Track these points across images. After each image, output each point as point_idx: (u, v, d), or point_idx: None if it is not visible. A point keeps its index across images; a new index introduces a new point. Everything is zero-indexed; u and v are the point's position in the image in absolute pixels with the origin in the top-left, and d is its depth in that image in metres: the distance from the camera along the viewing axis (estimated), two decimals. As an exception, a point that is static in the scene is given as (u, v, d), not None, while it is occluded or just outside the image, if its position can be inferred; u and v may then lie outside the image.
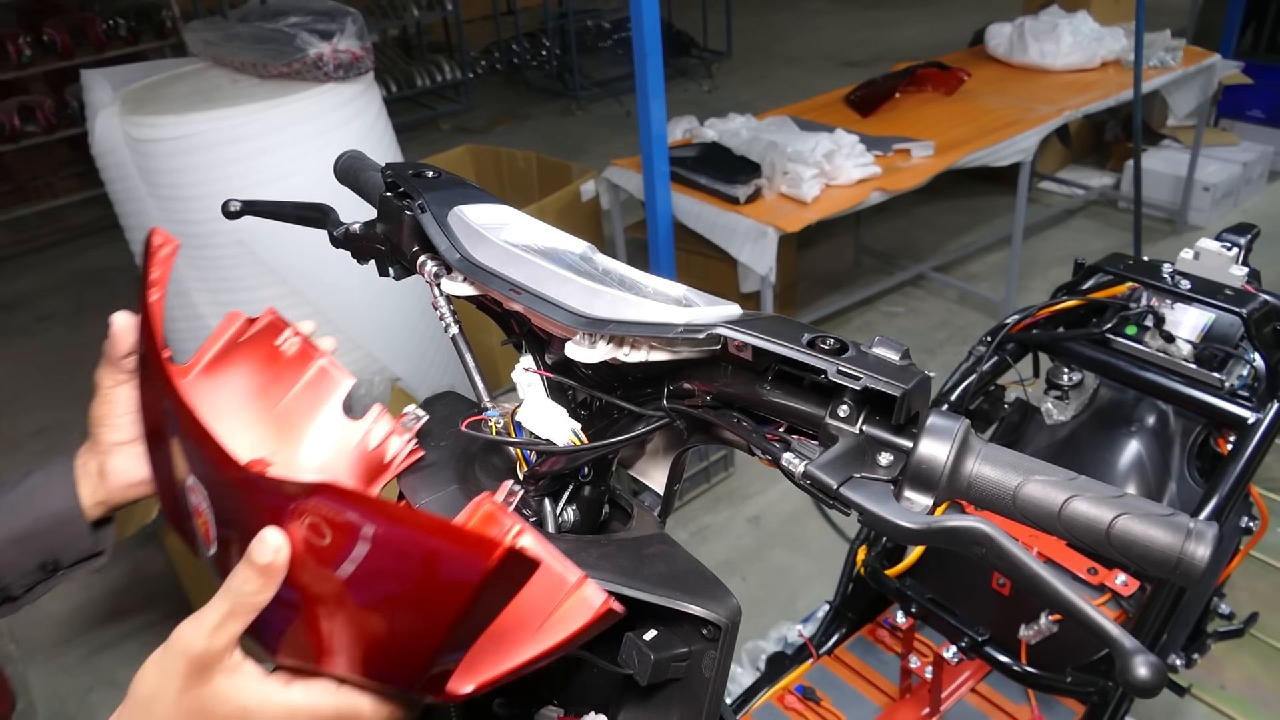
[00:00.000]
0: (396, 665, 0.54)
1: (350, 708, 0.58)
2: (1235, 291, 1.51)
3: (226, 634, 0.56)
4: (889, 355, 0.61)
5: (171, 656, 0.56)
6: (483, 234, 0.74)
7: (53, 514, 0.81)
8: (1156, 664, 0.50)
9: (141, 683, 0.57)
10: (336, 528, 0.52)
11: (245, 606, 0.56)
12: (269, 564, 0.54)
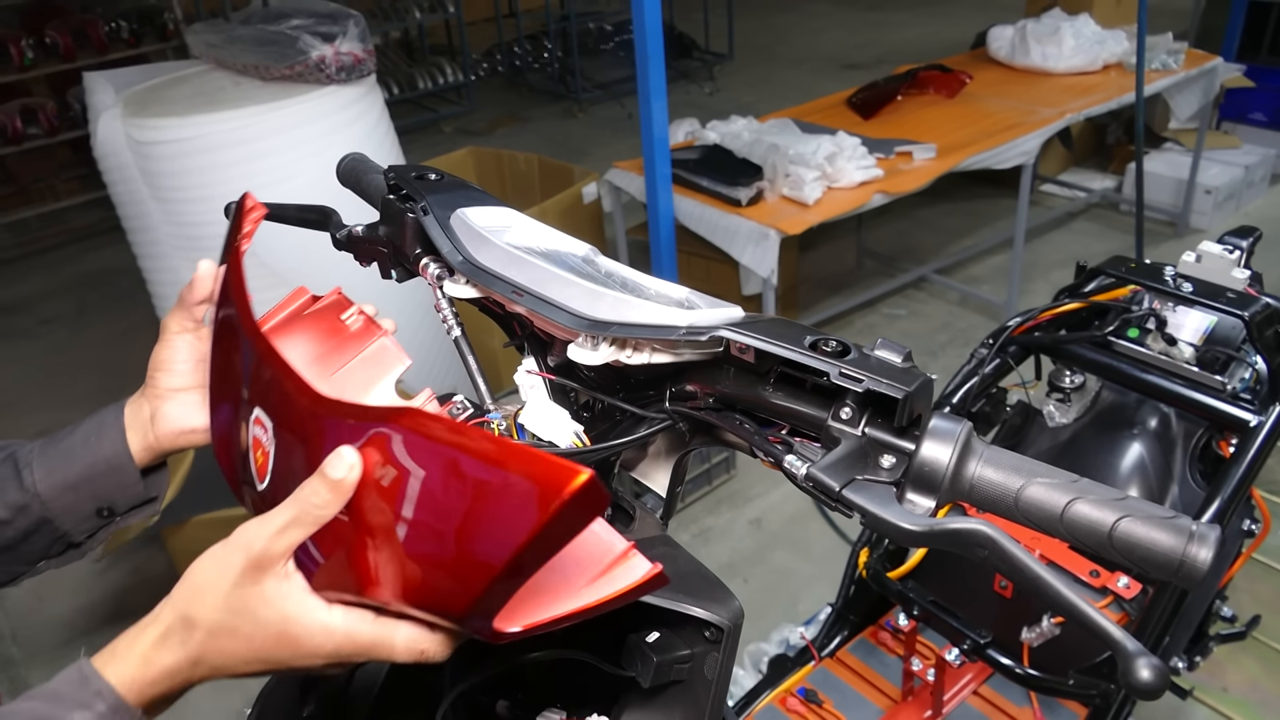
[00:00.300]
0: (451, 593, 0.55)
1: (385, 637, 0.60)
2: (1237, 294, 1.51)
3: (287, 540, 0.58)
4: (891, 358, 0.61)
5: (231, 550, 0.58)
6: (485, 236, 0.74)
7: (104, 459, 0.82)
8: (1159, 666, 0.50)
9: (197, 571, 0.59)
10: (417, 451, 0.54)
11: (309, 517, 0.57)
12: (341, 479, 0.56)
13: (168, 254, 3.01)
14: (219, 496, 2.33)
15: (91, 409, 0.84)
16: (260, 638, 0.59)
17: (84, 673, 0.59)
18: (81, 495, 0.82)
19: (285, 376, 0.63)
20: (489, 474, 0.52)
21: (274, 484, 0.65)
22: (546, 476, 0.50)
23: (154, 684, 0.60)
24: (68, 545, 0.84)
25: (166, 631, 0.60)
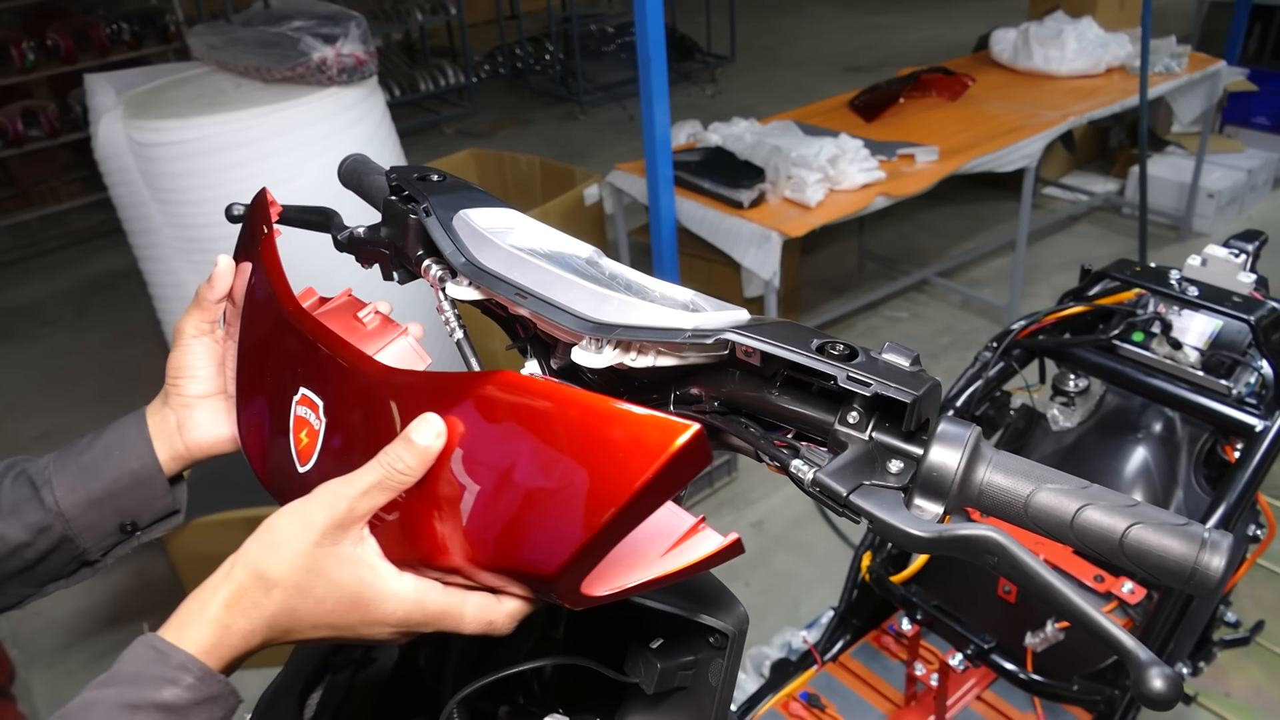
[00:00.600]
0: (546, 552, 0.55)
1: (455, 606, 0.60)
2: (1243, 298, 1.51)
3: (369, 502, 0.58)
4: (899, 361, 0.61)
5: (313, 508, 0.58)
6: (488, 238, 0.73)
7: (130, 473, 0.80)
8: (1172, 676, 0.49)
9: (275, 528, 0.59)
10: (512, 412, 0.55)
11: (393, 481, 0.57)
12: (427, 446, 0.56)
13: (169, 256, 3.00)
14: (220, 499, 2.32)
15: (92, 412, 0.84)
16: (332, 600, 0.59)
17: (159, 649, 0.57)
18: (105, 511, 0.79)
19: (347, 352, 0.64)
20: (591, 431, 0.52)
21: (322, 464, 0.65)
22: (655, 431, 0.51)
23: (232, 648, 0.59)
24: (82, 564, 0.81)
25: (240, 591, 0.59)
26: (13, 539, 0.76)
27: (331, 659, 0.84)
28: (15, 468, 0.80)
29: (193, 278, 2.99)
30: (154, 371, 3.61)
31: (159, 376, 0.86)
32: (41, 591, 0.82)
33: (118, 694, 0.55)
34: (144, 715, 0.55)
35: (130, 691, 0.55)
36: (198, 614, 0.58)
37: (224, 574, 0.60)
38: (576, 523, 0.53)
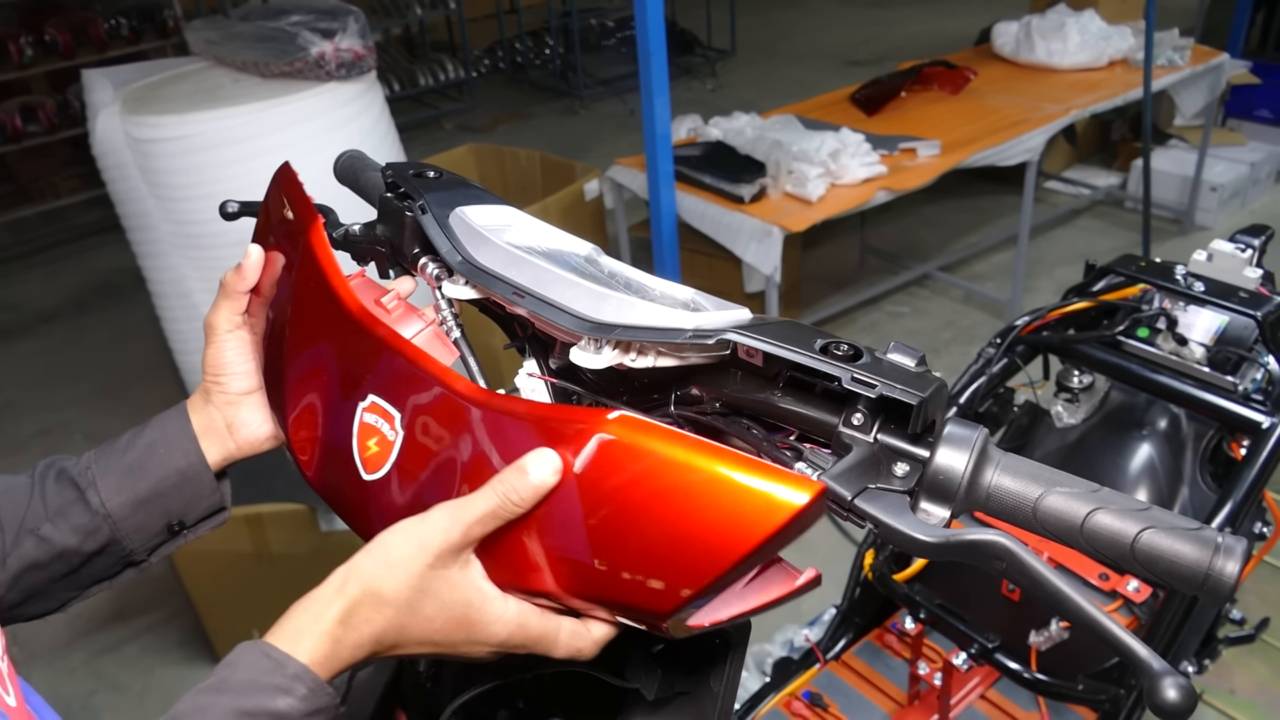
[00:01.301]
0: (662, 594, 0.56)
1: (552, 631, 0.61)
2: (1249, 294, 1.49)
3: (480, 529, 0.59)
4: (904, 361, 0.59)
5: (429, 530, 0.59)
6: (485, 236, 0.72)
7: (177, 471, 0.78)
8: (1186, 686, 0.48)
9: (390, 547, 0.59)
10: (630, 454, 0.55)
11: (506, 511, 0.58)
12: (542, 481, 0.57)
13: (167, 252, 2.99)
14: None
15: (91, 408, 0.82)
16: (441, 620, 0.60)
17: (273, 657, 0.57)
18: (152, 511, 0.78)
19: (436, 369, 0.64)
20: (715, 482, 0.53)
21: (397, 476, 0.66)
22: (780, 486, 0.52)
23: (341, 661, 0.59)
24: (127, 564, 0.80)
25: (353, 606, 0.59)
26: (60, 542, 0.75)
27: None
28: (54, 468, 0.78)
29: (191, 273, 2.98)
30: (153, 368, 3.63)
31: (158, 372, 0.85)
32: (84, 594, 0.81)
33: (231, 701, 0.55)
34: None
35: (245, 699, 0.55)
36: (312, 626, 0.59)
37: (336, 588, 0.60)
38: (694, 569, 0.54)
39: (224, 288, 0.80)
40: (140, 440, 0.79)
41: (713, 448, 0.54)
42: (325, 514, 2.33)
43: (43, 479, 0.77)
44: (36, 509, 0.75)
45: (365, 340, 0.68)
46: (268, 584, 2.40)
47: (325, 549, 2.35)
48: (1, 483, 0.77)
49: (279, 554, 2.36)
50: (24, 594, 0.77)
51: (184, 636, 2.72)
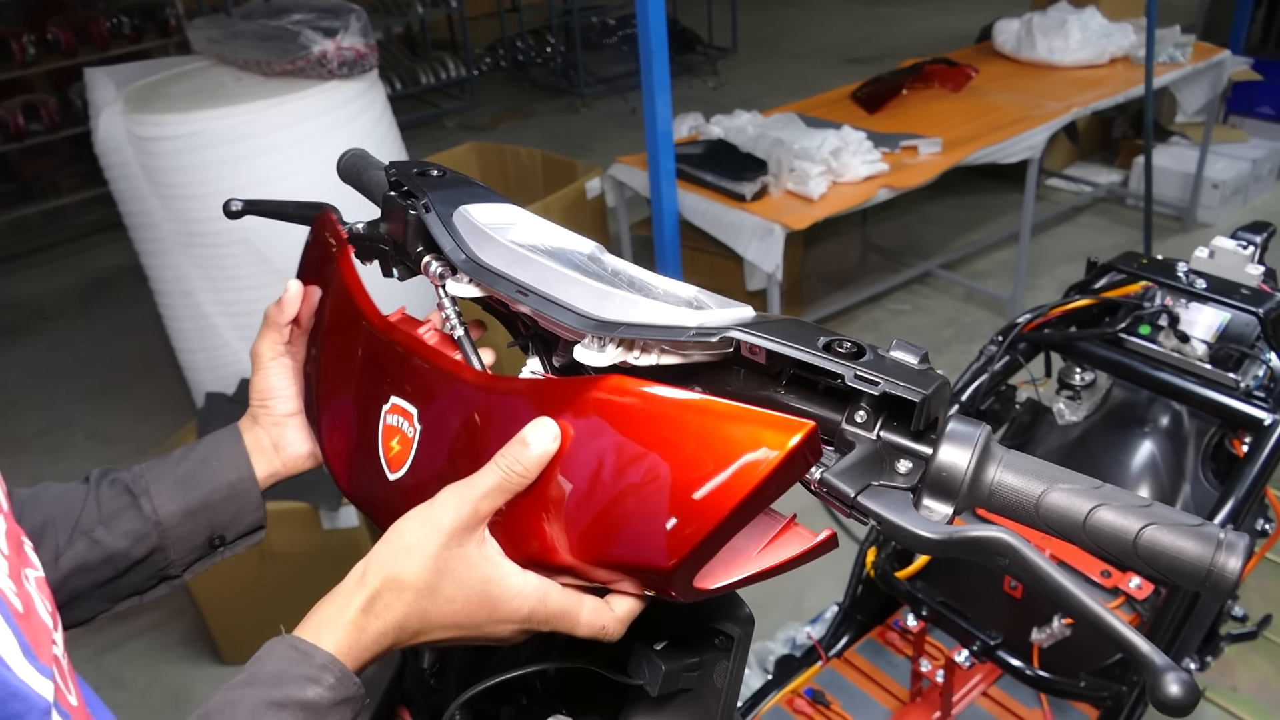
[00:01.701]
0: (663, 546, 0.57)
1: (574, 606, 0.62)
2: (1251, 291, 1.49)
3: (489, 503, 0.60)
4: (907, 359, 0.59)
5: (439, 511, 0.60)
6: (488, 234, 0.72)
7: (227, 484, 0.82)
8: (1188, 682, 0.48)
9: (404, 533, 0.61)
10: (627, 415, 0.58)
11: (511, 483, 0.60)
12: (543, 448, 0.59)
13: (169, 251, 2.99)
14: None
15: (93, 407, 0.84)
16: (461, 600, 0.61)
17: (300, 649, 0.59)
18: (199, 522, 0.81)
19: (444, 362, 0.67)
20: (707, 430, 0.56)
21: (417, 470, 0.67)
22: (771, 428, 0.55)
23: (366, 649, 0.60)
24: (162, 579, 0.83)
25: (375, 595, 0.60)
26: (111, 546, 0.78)
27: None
28: (108, 476, 0.82)
29: (193, 272, 2.98)
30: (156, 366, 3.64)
31: (161, 371, 0.87)
32: (114, 608, 0.83)
33: (262, 693, 0.56)
34: (288, 713, 0.56)
35: (274, 690, 0.57)
36: (335, 617, 0.60)
37: (357, 579, 0.61)
38: (694, 518, 0.56)
39: (267, 319, 0.85)
40: (194, 454, 0.83)
41: (703, 399, 0.57)
42: (327, 513, 2.33)
43: (98, 485, 0.81)
44: (91, 512, 0.78)
45: (384, 346, 0.71)
46: (270, 582, 2.41)
47: (327, 547, 2.36)
48: (56, 488, 0.80)
49: (281, 552, 2.37)
50: (67, 597, 0.79)
51: (186, 634, 2.73)
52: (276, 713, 0.56)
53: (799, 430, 0.55)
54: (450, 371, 0.66)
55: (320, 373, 0.79)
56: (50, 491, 0.79)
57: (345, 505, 2.32)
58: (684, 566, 0.57)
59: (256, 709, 0.56)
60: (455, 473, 0.64)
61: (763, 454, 0.55)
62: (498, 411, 0.63)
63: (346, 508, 2.32)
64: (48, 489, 0.79)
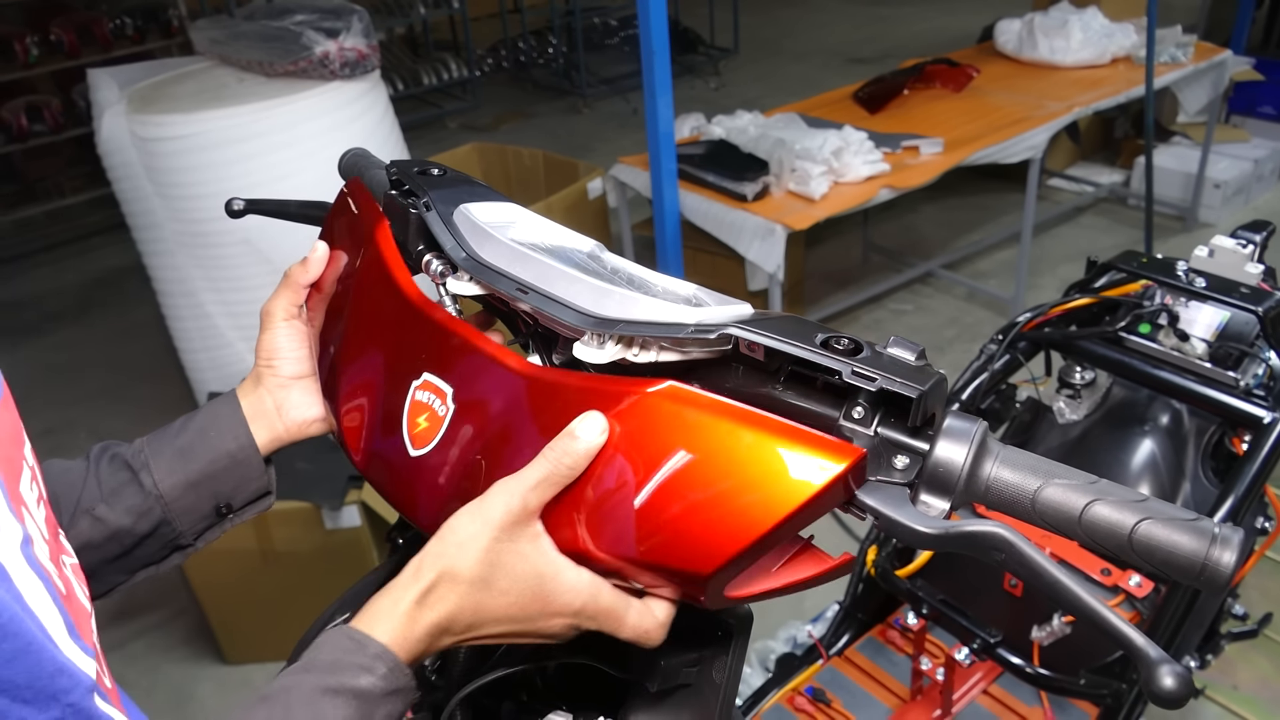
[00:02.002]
0: (706, 551, 0.58)
1: (621, 606, 0.63)
2: (1251, 289, 1.50)
3: (538, 496, 0.61)
4: (904, 356, 0.60)
5: (489, 506, 0.61)
6: (489, 232, 0.72)
7: (227, 454, 0.81)
8: (1182, 674, 0.49)
9: (457, 528, 0.61)
10: (678, 419, 0.59)
11: (559, 475, 0.60)
12: (591, 443, 0.60)
13: (172, 251, 3.00)
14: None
15: (96, 407, 0.83)
16: (515, 593, 0.62)
17: (354, 638, 0.60)
18: (202, 493, 0.80)
19: (488, 347, 0.67)
20: (760, 446, 0.57)
21: (444, 449, 0.67)
22: (823, 451, 0.57)
23: (419, 641, 0.61)
24: (175, 548, 0.82)
25: (429, 588, 0.61)
26: (114, 523, 0.77)
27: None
28: (108, 451, 0.80)
29: (195, 272, 2.99)
30: (158, 366, 3.64)
31: (164, 371, 0.87)
32: (132, 579, 0.82)
33: (317, 679, 0.58)
34: (341, 701, 0.57)
35: (329, 678, 0.58)
36: (390, 610, 0.61)
37: (412, 574, 0.62)
38: (737, 529, 0.57)
39: (286, 278, 0.84)
40: (192, 424, 0.81)
41: (757, 415, 0.58)
42: (330, 512, 2.34)
43: (97, 462, 0.80)
44: (91, 490, 0.78)
45: (423, 324, 0.71)
46: (273, 582, 2.41)
47: (330, 547, 2.36)
48: (56, 466, 0.79)
49: (284, 552, 2.37)
50: None
51: (189, 634, 2.73)
52: (331, 699, 0.57)
53: (850, 456, 0.56)
54: (496, 356, 0.67)
55: (343, 340, 0.78)
56: (53, 470, 0.78)
57: (348, 505, 2.32)
58: (721, 574, 0.58)
59: (312, 695, 0.57)
60: (489, 456, 0.65)
61: (812, 474, 0.56)
62: (544, 401, 0.64)
63: (349, 507, 2.33)
64: (50, 466, 0.78)
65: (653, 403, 0.60)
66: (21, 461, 0.54)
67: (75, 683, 0.46)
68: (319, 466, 2.39)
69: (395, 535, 0.87)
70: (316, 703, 0.57)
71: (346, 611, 0.86)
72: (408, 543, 0.86)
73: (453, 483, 0.67)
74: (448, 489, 0.67)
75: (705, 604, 0.62)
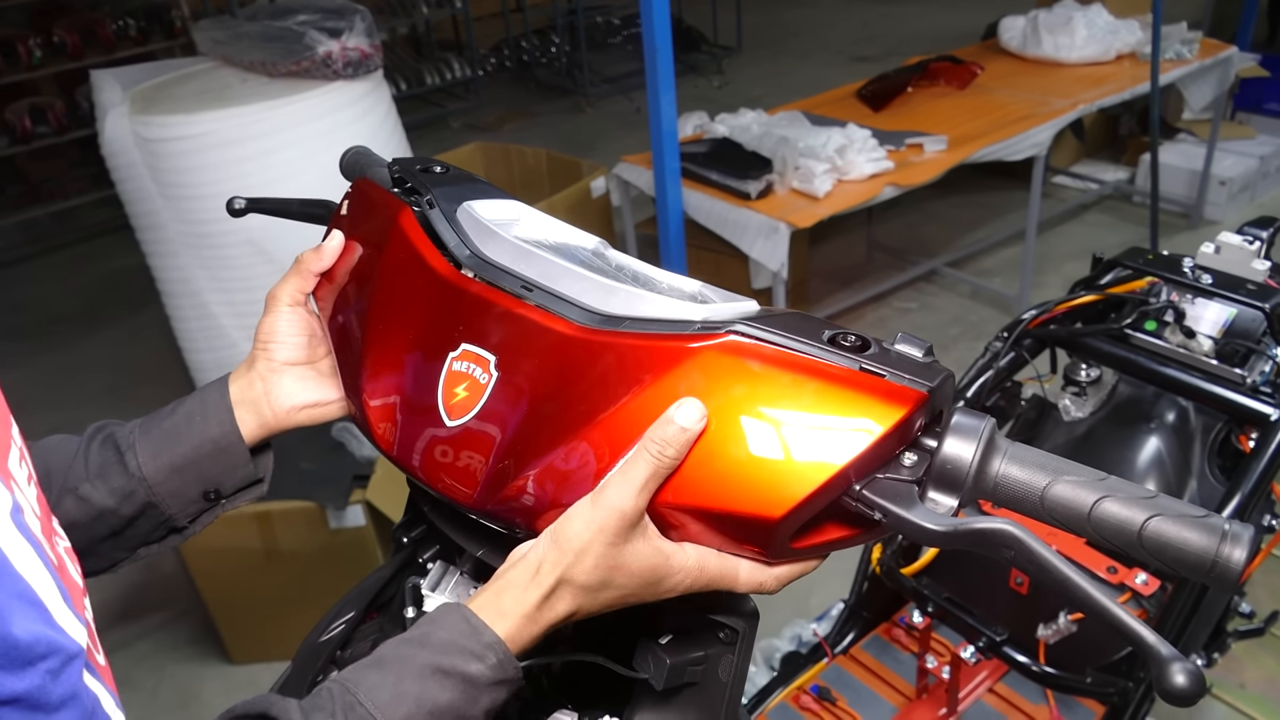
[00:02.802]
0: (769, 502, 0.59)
1: (731, 568, 0.64)
2: (1258, 286, 1.49)
3: (646, 496, 0.61)
4: (912, 352, 0.60)
5: (602, 513, 0.61)
6: (493, 230, 0.72)
7: (211, 440, 0.79)
8: (1194, 672, 0.48)
9: (572, 538, 0.61)
10: (740, 371, 0.60)
11: (664, 470, 0.60)
12: (694, 431, 0.59)
13: (176, 251, 3.00)
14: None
15: (101, 408, 0.83)
16: (631, 586, 0.63)
17: (472, 624, 0.60)
18: (188, 478, 0.79)
19: (532, 312, 0.66)
20: (825, 392, 0.58)
21: (485, 417, 0.67)
22: (887, 395, 0.57)
23: (533, 637, 0.63)
24: (170, 530, 0.81)
25: (549, 593, 0.62)
26: (98, 503, 0.76)
27: (340, 654, 0.84)
28: (104, 431, 0.80)
29: (200, 273, 2.99)
30: (163, 367, 3.64)
31: (168, 372, 0.86)
32: (133, 556, 0.82)
33: (430, 657, 0.59)
34: (450, 682, 0.59)
35: (442, 657, 0.59)
36: (513, 605, 0.62)
37: (531, 575, 0.62)
38: (806, 473, 0.58)
39: (297, 264, 0.83)
40: (181, 408, 0.80)
41: (819, 363, 0.59)
42: (334, 512, 2.34)
43: (90, 440, 0.79)
44: (79, 469, 0.77)
45: (460, 297, 0.70)
46: (277, 581, 2.41)
47: (335, 546, 2.36)
48: (56, 440, 0.79)
49: (288, 551, 2.37)
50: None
51: (194, 634, 2.73)
52: (440, 680, 0.58)
53: (913, 398, 0.57)
54: (542, 321, 0.66)
55: (366, 324, 0.77)
56: (51, 442, 0.78)
57: (352, 504, 2.32)
58: (789, 520, 0.59)
59: (424, 671, 0.58)
60: (539, 418, 0.64)
61: (878, 416, 0.57)
62: (597, 361, 0.63)
63: (353, 507, 2.33)
64: (48, 441, 0.78)
65: (714, 356, 0.60)
66: (10, 440, 0.54)
67: (63, 650, 0.46)
68: (323, 466, 2.39)
69: (401, 534, 0.86)
70: (426, 680, 0.58)
71: (352, 610, 0.85)
72: (413, 541, 0.86)
73: (501, 446, 0.66)
74: (496, 453, 0.66)
75: (768, 557, 0.62)
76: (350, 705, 0.57)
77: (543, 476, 0.64)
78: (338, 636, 0.83)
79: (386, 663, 0.59)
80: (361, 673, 0.59)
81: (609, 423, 0.63)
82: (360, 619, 0.85)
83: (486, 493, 0.66)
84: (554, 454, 0.64)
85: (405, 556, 0.86)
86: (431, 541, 0.84)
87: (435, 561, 0.83)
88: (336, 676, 0.59)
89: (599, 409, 0.63)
